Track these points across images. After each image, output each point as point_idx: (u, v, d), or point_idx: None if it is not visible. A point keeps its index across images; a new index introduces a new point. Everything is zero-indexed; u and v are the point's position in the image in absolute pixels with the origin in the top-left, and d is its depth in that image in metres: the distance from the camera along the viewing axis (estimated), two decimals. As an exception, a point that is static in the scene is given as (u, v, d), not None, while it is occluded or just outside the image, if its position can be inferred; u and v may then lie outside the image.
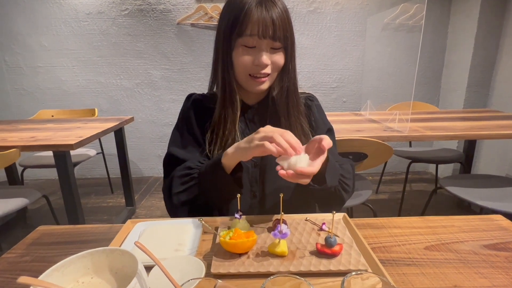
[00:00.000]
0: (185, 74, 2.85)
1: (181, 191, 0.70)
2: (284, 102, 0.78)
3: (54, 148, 1.48)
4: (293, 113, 0.78)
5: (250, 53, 0.71)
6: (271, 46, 0.71)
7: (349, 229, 0.62)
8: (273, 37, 0.68)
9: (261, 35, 0.68)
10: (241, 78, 0.76)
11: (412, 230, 0.66)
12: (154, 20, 2.71)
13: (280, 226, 0.52)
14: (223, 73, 0.76)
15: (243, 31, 0.69)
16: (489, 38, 2.49)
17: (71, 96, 2.87)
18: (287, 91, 0.77)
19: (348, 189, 0.76)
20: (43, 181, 3.02)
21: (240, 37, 0.70)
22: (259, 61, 0.70)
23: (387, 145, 1.37)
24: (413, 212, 2.30)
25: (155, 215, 2.33)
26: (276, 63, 0.73)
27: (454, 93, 2.78)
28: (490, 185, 1.60)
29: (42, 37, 2.72)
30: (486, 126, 1.62)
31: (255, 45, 0.71)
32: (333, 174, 0.69)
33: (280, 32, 0.68)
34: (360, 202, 1.51)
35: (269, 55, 0.72)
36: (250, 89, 0.76)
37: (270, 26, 0.67)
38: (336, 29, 2.78)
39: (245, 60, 0.72)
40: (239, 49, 0.72)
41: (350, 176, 0.76)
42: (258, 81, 0.74)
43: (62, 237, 0.66)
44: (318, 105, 0.90)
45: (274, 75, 0.76)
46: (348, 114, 2.10)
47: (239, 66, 0.73)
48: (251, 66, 0.72)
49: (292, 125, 0.78)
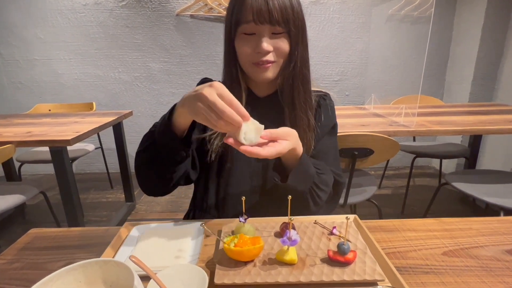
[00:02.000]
0: (185, 67, 2.79)
1: (141, 149, 0.65)
2: (288, 92, 0.73)
3: (50, 143, 1.43)
4: (299, 105, 0.73)
5: (250, 40, 0.67)
6: (272, 31, 0.67)
7: (361, 233, 0.59)
8: (270, 21, 0.64)
9: (257, 21, 0.64)
10: (246, 68, 0.72)
11: (427, 234, 0.62)
12: (153, 11, 2.64)
13: (289, 232, 0.48)
14: (228, 63, 0.73)
15: (240, 18, 0.65)
16: (496, 29, 2.43)
17: (68, 90, 2.81)
18: (292, 79, 0.72)
19: (319, 202, 0.69)
20: (42, 176, 2.98)
21: (238, 25, 0.67)
22: (259, 48, 0.66)
23: (394, 140, 1.33)
24: (416, 207, 2.27)
25: (155, 210, 2.30)
26: (280, 49, 0.68)
27: (459, 86, 2.72)
28: (497, 180, 1.56)
29: (38, 29, 2.65)
30: (494, 121, 1.57)
31: (255, 32, 0.66)
32: (301, 177, 0.64)
33: (279, 15, 0.64)
34: (365, 199, 1.48)
35: (271, 41, 0.67)
36: (256, 77, 0.72)
37: (265, 10, 0.63)
38: (339, 21, 2.71)
39: (245, 48, 0.68)
40: (239, 37, 0.68)
41: (326, 189, 0.70)
42: (262, 67, 0.69)
43: (55, 241, 0.62)
44: (330, 105, 0.83)
45: (280, 62, 0.71)
46: (352, 108, 2.05)
47: (241, 55, 0.69)
48: (253, 54, 0.68)
49: (298, 118, 0.73)
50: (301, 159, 0.63)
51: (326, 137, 0.80)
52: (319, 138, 0.77)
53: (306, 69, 0.73)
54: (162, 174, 0.65)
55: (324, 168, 0.72)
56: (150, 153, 0.63)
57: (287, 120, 0.73)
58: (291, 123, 0.73)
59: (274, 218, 0.65)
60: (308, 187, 0.66)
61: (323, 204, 0.72)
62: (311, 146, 0.75)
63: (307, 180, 0.66)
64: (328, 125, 0.81)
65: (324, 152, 0.78)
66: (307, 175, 0.65)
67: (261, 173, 0.77)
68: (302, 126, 0.73)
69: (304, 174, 0.64)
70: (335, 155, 0.82)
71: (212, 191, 0.78)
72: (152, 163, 0.63)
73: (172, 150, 0.61)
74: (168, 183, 0.67)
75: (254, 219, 0.63)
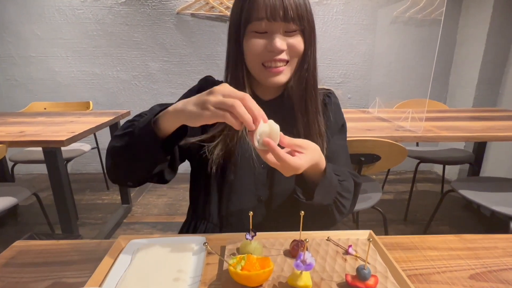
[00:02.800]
0: (185, 66, 2.73)
1: (118, 135, 0.60)
2: (301, 96, 0.68)
3: (44, 144, 1.38)
4: (311, 110, 0.68)
5: (262, 38, 0.62)
6: (285, 30, 0.62)
7: (379, 252, 0.53)
8: (285, 18, 0.59)
9: (270, 17, 0.59)
10: (254, 69, 0.66)
11: (450, 253, 0.57)
12: (153, 9, 2.59)
13: (303, 254, 0.43)
14: (233, 65, 0.67)
15: (251, 15, 0.60)
16: (502, 33, 2.39)
17: (65, 88, 2.74)
18: (305, 83, 0.67)
19: (344, 210, 0.66)
20: (36, 176, 2.91)
21: (249, 23, 0.61)
22: (272, 46, 0.61)
23: (402, 146, 1.28)
24: (420, 213, 2.22)
25: (152, 213, 2.24)
26: (294, 47, 0.63)
27: (463, 90, 2.68)
28: (504, 188, 1.53)
29: (34, 26, 2.58)
30: (501, 127, 1.53)
31: (267, 30, 0.61)
32: (326, 191, 0.60)
33: (294, 12, 0.59)
34: (370, 206, 1.43)
35: (285, 39, 0.62)
36: (265, 81, 0.66)
37: (280, 6, 0.58)
38: (343, 22, 2.67)
39: (256, 47, 0.62)
40: (249, 36, 0.63)
41: (348, 196, 0.66)
42: (273, 71, 0.63)
43: (41, 256, 0.56)
44: (336, 103, 0.79)
45: (294, 63, 0.65)
46: (355, 112, 2.00)
47: (251, 54, 0.64)
48: (264, 53, 0.62)
49: (311, 124, 0.69)
50: (326, 172, 0.58)
51: (336, 136, 0.76)
52: (329, 139, 0.73)
53: (316, 72, 0.68)
54: (132, 166, 0.60)
55: (343, 173, 0.67)
56: (126, 142, 0.58)
57: (300, 126, 0.68)
58: (304, 129, 0.68)
59: (283, 233, 0.60)
60: (333, 198, 0.62)
61: (347, 211, 0.68)
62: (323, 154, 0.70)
63: (331, 192, 0.62)
64: (338, 124, 0.77)
65: (336, 152, 0.74)
66: (332, 187, 0.61)
67: (267, 182, 0.71)
68: (314, 133, 0.68)
69: (329, 187, 0.60)
70: (346, 154, 0.78)
71: (214, 201, 0.73)
72: (125, 152, 0.58)
73: (149, 150, 0.56)
74: (137, 177, 0.62)
75: (261, 234, 0.58)
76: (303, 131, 0.68)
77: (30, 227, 2.06)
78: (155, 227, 2.06)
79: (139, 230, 2.02)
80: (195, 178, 0.78)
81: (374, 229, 0.58)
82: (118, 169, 0.62)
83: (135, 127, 0.57)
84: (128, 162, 0.59)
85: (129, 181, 0.64)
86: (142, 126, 0.55)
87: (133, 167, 0.60)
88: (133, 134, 0.57)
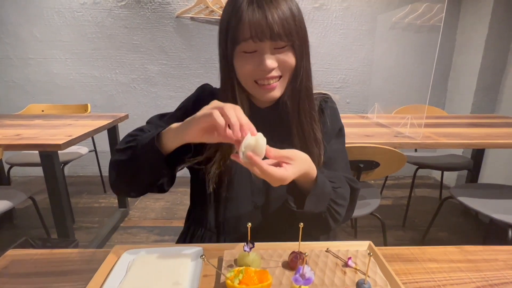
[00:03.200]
0: (184, 70, 2.73)
1: (120, 149, 0.62)
2: (295, 108, 0.67)
3: (40, 147, 1.36)
4: (306, 121, 0.68)
5: (252, 59, 0.61)
6: (275, 46, 0.60)
7: (378, 264, 0.52)
8: (271, 37, 0.58)
9: (256, 37, 0.57)
10: (247, 87, 0.66)
11: (450, 265, 0.56)
12: (152, 13, 2.58)
13: (302, 268, 0.42)
14: (224, 78, 0.67)
15: (237, 36, 0.59)
16: (500, 40, 2.40)
17: (63, 90, 2.73)
18: (298, 95, 0.66)
19: (339, 217, 0.64)
20: (32, 178, 2.89)
21: (237, 44, 0.60)
22: (263, 66, 0.60)
23: (401, 153, 1.28)
24: (418, 219, 2.22)
25: (149, 217, 2.23)
26: (285, 63, 0.62)
27: (462, 97, 2.69)
28: (503, 195, 1.52)
29: (33, 27, 2.58)
30: (501, 134, 1.53)
31: (256, 49, 0.60)
32: (318, 199, 0.59)
33: (280, 29, 0.57)
34: (368, 213, 1.42)
35: (275, 55, 0.61)
36: (259, 97, 0.66)
37: (265, 26, 0.57)
38: (342, 27, 2.68)
39: (246, 67, 0.62)
40: (238, 56, 0.62)
41: (344, 203, 0.65)
42: (267, 88, 0.63)
43: (35, 265, 0.55)
44: (333, 107, 0.78)
45: (287, 77, 0.65)
46: (354, 117, 2.00)
47: (242, 75, 0.64)
48: (256, 72, 0.62)
49: (306, 134, 0.68)
50: (317, 181, 0.57)
51: (333, 141, 0.75)
52: (326, 144, 0.72)
53: (309, 82, 0.68)
54: (136, 180, 0.62)
55: (339, 179, 0.66)
56: (129, 156, 0.60)
57: (295, 137, 0.68)
58: (300, 140, 0.68)
59: (281, 244, 0.59)
60: (326, 205, 0.61)
61: (342, 219, 0.67)
62: (320, 161, 0.70)
63: (324, 200, 0.61)
64: (335, 129, 0.76)
65: (333, 158, 0.73)
66: (324, 195, 0.60)
67: (263, 190, 0.71)
68: (310, 141, 0.68)
69: (321, 195, 0.59)
70: (345, 159, 0.77)
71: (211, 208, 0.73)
72: (128, 166, 0.60)
73: (153, 166, 0.58)
74: (139, 188, 0.65)
75: (259, 244, 0.57)
76: (299, 142, 0.68)
77: (25, 230, 2.04)
78: (152, 231, 2.04)
79: (136, 235, 2.01)
80: (194, 186, 0.78)
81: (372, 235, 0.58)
82: (122, 182, 0.64)
83: (138, 142, 0.59)
84: (131, 176, 0.61)
85: (132, 192, 0.66)
86: (145, 143, 0.57)
87: (136, 180, 0.62)
88: (136, 148, 0.59)
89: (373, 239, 0.59)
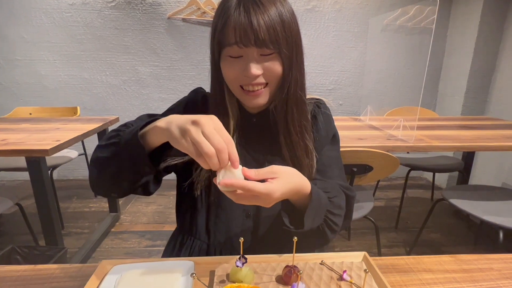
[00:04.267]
0: (175, 71, 2.70)
1: (102, 145, 0.58)
2: (282, 117, 0.66)
3: (27, 153, 1.32)
4: (294, 131, 0.66)
5: (237, 64, 0.60)
6: (261, 53, 0.59)
7: (374, 278, 0.52)
8: (256, 43, 0.56)
9: (240, 43, 0.56)
10: (234, 91, 0.65)
11: (445, 276, 0.55)
12: (143, 14, 2.55)
13: (296, 285, 0.41)
14: (214, 81, 0.66)
15: (223, 40, 0.58)
16: (490, 42, 2.43)
17: (52, 93, 2.68)
18: (286, 104, 0.65)
19: (336, 228, 0.63)
20: (21, 182, 2.82)
21: (223, 48, 0.59)
22: (247, 72, 0.59)
23: (394, 157, 1.28)
24: (410, 221, 2.23)
25: (140, 221, 2.19)
26: (270, 71, 0.60)
27: (452, 99, 2.72)
28: (494, 197, 1.54)
29: (20, 28, 2.52)
30: (491, 136, 1.55)
31: (241, 54, 0.59)
32: (316, 214, 0.57)
33: (265, 36, 0.55)
34: (362, 216, 1.42)
35: (260, 62, 0.59)
36: (246, 103, 0.65)
37: (250, 32, 0.55)
38: (334, 29, 2.68)
39: (232, 73, 0.61)
40: (224, 60, 0.61)
41: (340, 213, 0.64)
42: (252, 95, 0.62)
43: (19, 282, 0.53)
44: (326, 113, 0.76)
45: (273, 85, 0.63)
46: (347, 119, 2.00)
47: (228, 79, 0.63)
48: (241, 77, 0.60)
49: (295, 144, 0.67)
50: (312, 195, 0.55)
51: (327, 148, 0.73)
52: (320, 151, 0.71)
53: (301, 90, 0.65)
54: (117, 178, 0.58)
55: (333, 188, 0.65)
56: (111, 153, 0.56)
57: (283, 146, 0.67)
58: (289, 150, 0.66)
59: (274, 256, 0.57)
60: (323, 218, 0.60)
61: (340, 229, 0.65)
62: (312, 172, 0.68)
63: (321, 213, 0.59)
64: (328, 135, 0.74)
65: (328, 165, 0.72)
66: (321, 207, 0.58)
67: None
68: (299, 151, 0.66)
69: (318, 209, 0.57)
70: (339, 166, 0.76)
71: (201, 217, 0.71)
72: (110, 162, 0.57)
73: (136, 162, 0.54)
74: (121, 188, 0.61)
75: (252, 257, 0.56)
76: (287, 151, 0.67)
77: (12, 237, 1.99)
78: (144, 236, 2.01)
79: (127, 240, 1.97)
80: (181, 192, 0.75)
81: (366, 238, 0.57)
82: (103, 180, 0.60)
83: (121, 138, 0.55)
84: (113, 173, 0.57)
85: (113, 193, 0.62)
86: (128, 138, 0.53)
87: (118, 178, 0.58)
88: (119, 144, 0.55)
89: (366, 242, 0.58)
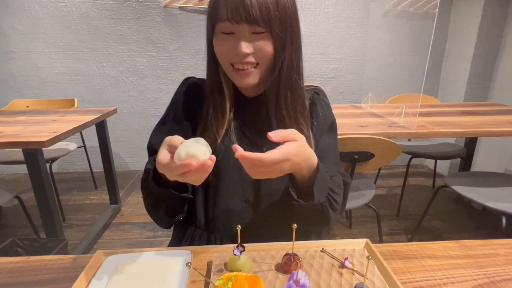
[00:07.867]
0: (173, 61, 2.65)
1: (144, 197, 0.65)
2: (274, 100, 0.64)
3: (23, 145, 1.31)
4: (287, 115, 0.64)
5: (228, 40, 0.58)
6: (253, 31, 0.57)
7: (377, 264, 0.50)
8: (247, 21, 0.54)
9: (232, 19, 0.55)
10: (225, 69, 0.64)
11: (450, 262, 0.54)
12: (139, 2, 2.49)
13: (296, 273, 0.39)
14: (209, 62, 0.66)
15: (216, 15, 0.57)
16: (493, 28, 2.38)
17: (49, 85, 2.64)
18: (278, 86, 0.63)
19: (337, 207, 0.62)
20: (21, 176, 2.81)
21: (215, 23, 0.58)
22: (237, 50, 0.57)
23: (396, 144, 1.25)
24: (412, 208, 2.22)
25: (141, 213, 2.19)
26: (261, 51, 0.58)
27: (455, 85, 2.67)
28: (496, 183, 1.53)
29: (14, 19, 2.47)
30: (494, 122, 1.52)
31: (233, 31, 0.57)
32: (321, 188, 0.57)
33: (257, 13, 0.54)
34: (363, 204, 1.41)
35: (251, 41, 0.58)
36: (236, 82, 0.64)
37: (241, 9, 0.53)
38: (334, 16, 2.62)
39: (223, 49, 0.60)
40: (217, 36, 0.60)
41: (340, 192, 0.63)
42: (241, 73, 0.61)
43: (11, 274, 0.51)
44: (324, 101, 0.74)
45: (264, 66, 0.61)
46: (348, 107, 1.97)
47: (219, 55, 0.62)
48: (231, 55, 0.59)
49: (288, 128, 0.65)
50: (319, 167, 0.56)
51: (325, 135, 0.72)
52: (318, 138, 0.70)
53: (296, 74, 0.63)
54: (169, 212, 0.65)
55: (331, 169, 0.64)
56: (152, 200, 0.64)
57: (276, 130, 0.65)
58: None
59: (274, 244, 0.56)
60: (326, 195, 0.59)
61: (340, 208, 0.65)
62: None
63: (326, 188, 0.59)
64: (327, 122, 0.73)
65: (325, 151, 0.70)
66: (326, 181, 0.58)
67: (254, 183, 0.68)
68: None
69: (323, 183, 0.58)
70: (336, 154, 0.75)
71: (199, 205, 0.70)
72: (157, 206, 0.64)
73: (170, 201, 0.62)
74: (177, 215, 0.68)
75: (250, 245, 0.54)
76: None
77: (13, 230, 1.99)
78: (145, 227, 2.01)
79: (129, 231, 1.97)
80: None
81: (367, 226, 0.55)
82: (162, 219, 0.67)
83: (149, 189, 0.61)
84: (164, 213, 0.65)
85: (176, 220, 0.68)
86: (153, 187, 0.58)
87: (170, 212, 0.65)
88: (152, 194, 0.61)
89: (368, 230, 0.56)
